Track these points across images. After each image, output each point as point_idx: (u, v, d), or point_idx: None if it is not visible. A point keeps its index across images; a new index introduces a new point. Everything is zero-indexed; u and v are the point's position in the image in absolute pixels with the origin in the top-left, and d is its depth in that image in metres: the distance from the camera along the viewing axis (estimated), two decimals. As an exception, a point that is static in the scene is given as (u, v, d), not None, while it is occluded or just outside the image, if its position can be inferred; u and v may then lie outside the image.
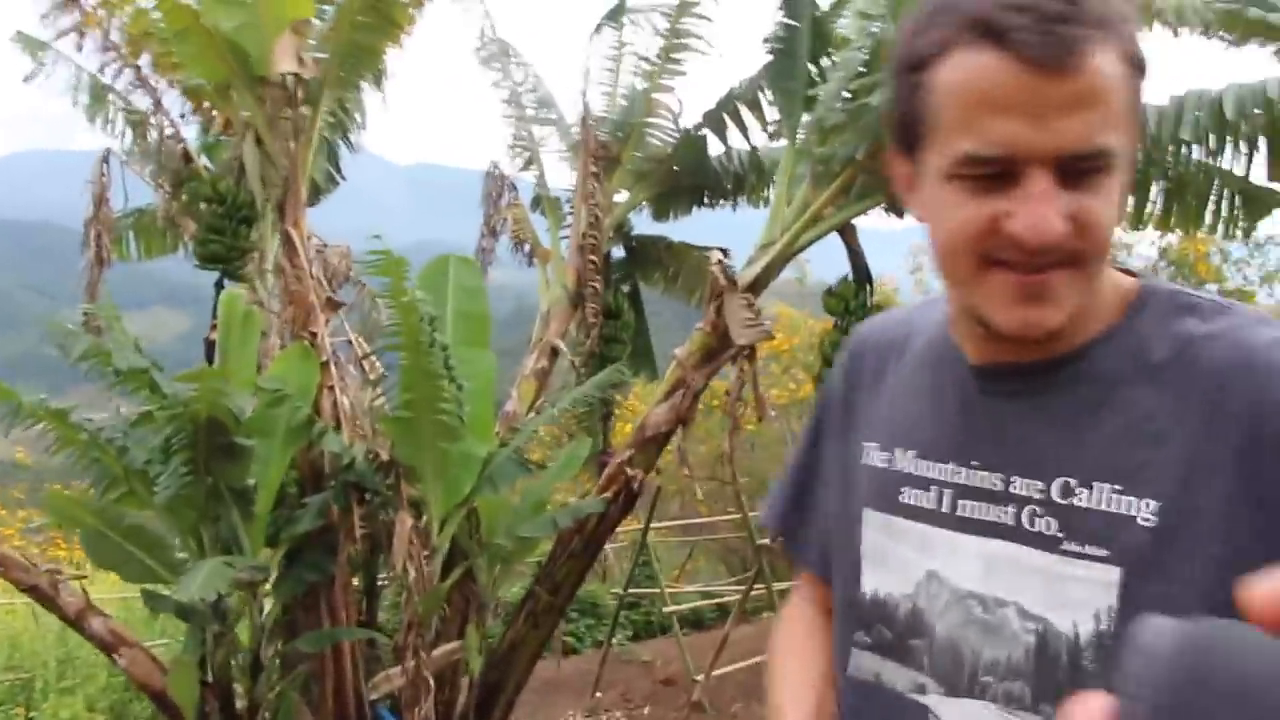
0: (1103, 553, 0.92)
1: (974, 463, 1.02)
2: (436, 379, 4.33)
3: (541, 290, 6.35)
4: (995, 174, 0.89)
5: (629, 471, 5.05)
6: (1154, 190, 5.01)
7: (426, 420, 4.41)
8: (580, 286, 6.00)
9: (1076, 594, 0.93)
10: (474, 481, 4.68)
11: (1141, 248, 9.39)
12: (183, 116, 5.95)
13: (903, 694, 1.07)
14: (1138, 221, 5.20)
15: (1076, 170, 0.88)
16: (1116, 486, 0.92)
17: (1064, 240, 0.88)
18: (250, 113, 4.72)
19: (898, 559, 1.08)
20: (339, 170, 6.03)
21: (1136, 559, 0.91)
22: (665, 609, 7.47)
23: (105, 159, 6.58)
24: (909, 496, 1.08)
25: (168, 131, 6.07)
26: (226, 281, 5.10)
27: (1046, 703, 0.95)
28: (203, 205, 5.41)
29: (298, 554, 4.43)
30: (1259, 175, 4.51)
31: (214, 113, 5.66)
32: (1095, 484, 0.94)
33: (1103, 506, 0.93)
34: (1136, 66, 0.89)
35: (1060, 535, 0.95)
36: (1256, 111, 4.04)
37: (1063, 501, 0.95)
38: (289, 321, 4.63)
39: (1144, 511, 0.91)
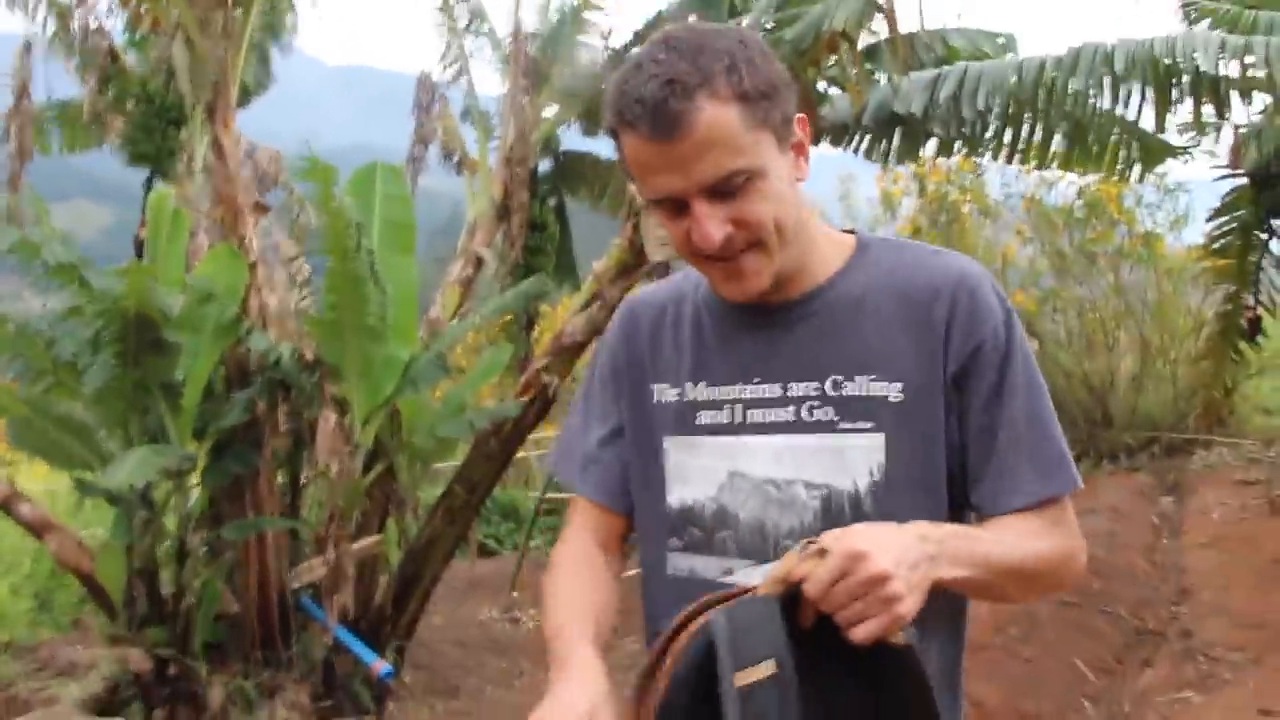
0: (869, 425, 1.25)
1: (756, 379, 1.30)
2: (361, 283, 4.49)
3: (469, 200, 6.48)
4: (673, 205, 1.20)
5: (545, 378, 5.26)
6: (1057, 135, 5.28)
7: (351, 322, 4.57)
8: (507, 198, 6.14)
9: (853, 459, 1.24)
10: (396, 383, 4.86)
11: (1061, 187, 9.69)
12: (109, 12, 5.89)
13: (713, 580, 1.30)
14: (1041, 161, 5.48)
15: (724, 190, 1.17)
16: (873, 375, 1.25)
17: (732, 239, 1.19)
18: (180, 12, 4.74)
19: (700, 470, 1.33)
20: (270, 71, 6.04)
21: (892, 426, 1.24)
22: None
23: (27, 49, 6.50)
24: (705, 418, 1.33)
25: (93, 26, 6.01)
26: (155, 180, 5.14)
27: None
28: (131, 104, 5.41)
29: (224, 447, 4.59)
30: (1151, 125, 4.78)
31: (142, 9, 5.62)
32: (857, 376, 1.26)
33: (865, 392, 1.25)
34: (751, 93, 1.16)
35: (836, 419, 1.26)
36: (1144, 67, 4.29)
37: (834, 393, 1.26)
38: (217, 222, 4.73)
39: (894, 392, 1.24)
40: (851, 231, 1.38)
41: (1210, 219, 6.56)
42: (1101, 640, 5.79)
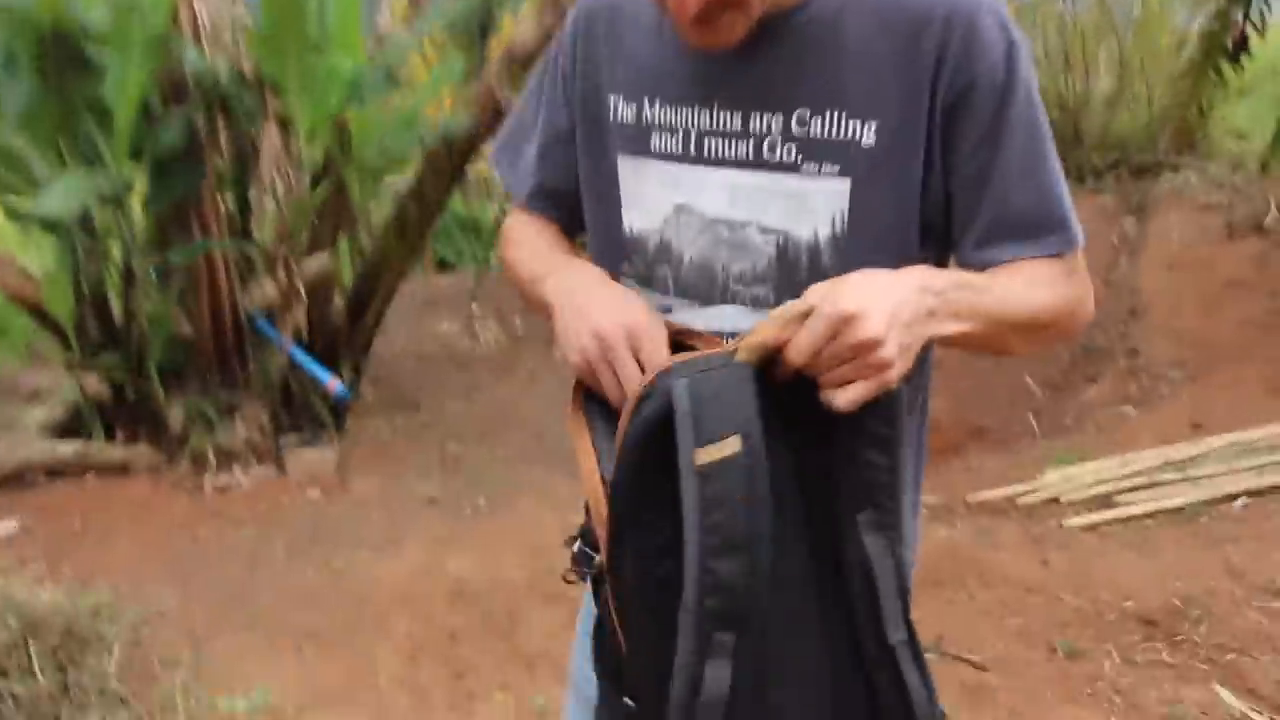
0: (835, 168, 1.12)
1: (715, 104, 1.16)
2: (299, -9, 4.21)
3: (415, -105, 5.96)
4: None
5: (496, 91, 5.04)
6: None
7: (290, 34, 4.32)
8: (456, -108, 5.65)
9: (815, 204, 1.13)
10: (341, 96, 4.65)
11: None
12: None
13: None
14: None
15: None
16: (844, 111, 1.11)
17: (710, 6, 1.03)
18: None
19: (649, 198, 1.23)
20: None
21: (862, 171, 1.11)
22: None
23: None
24: (658, 140, 1.20)
25: None
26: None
27: (788, 297, 1.12)
28: None
29: (164, 168, 4.41)
30: None
31: None
32: (827, 111, 1.11)
33: (834, 132, 1.12)
34: None
35: (798, 160, 1.13)
36: None
37: (799, 130, 1.13)
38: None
39: (867, 134, 1.11)
40: None
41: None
42: (1051, 358, 5.95)
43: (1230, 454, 4.28)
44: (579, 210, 1.34)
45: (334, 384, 4.74)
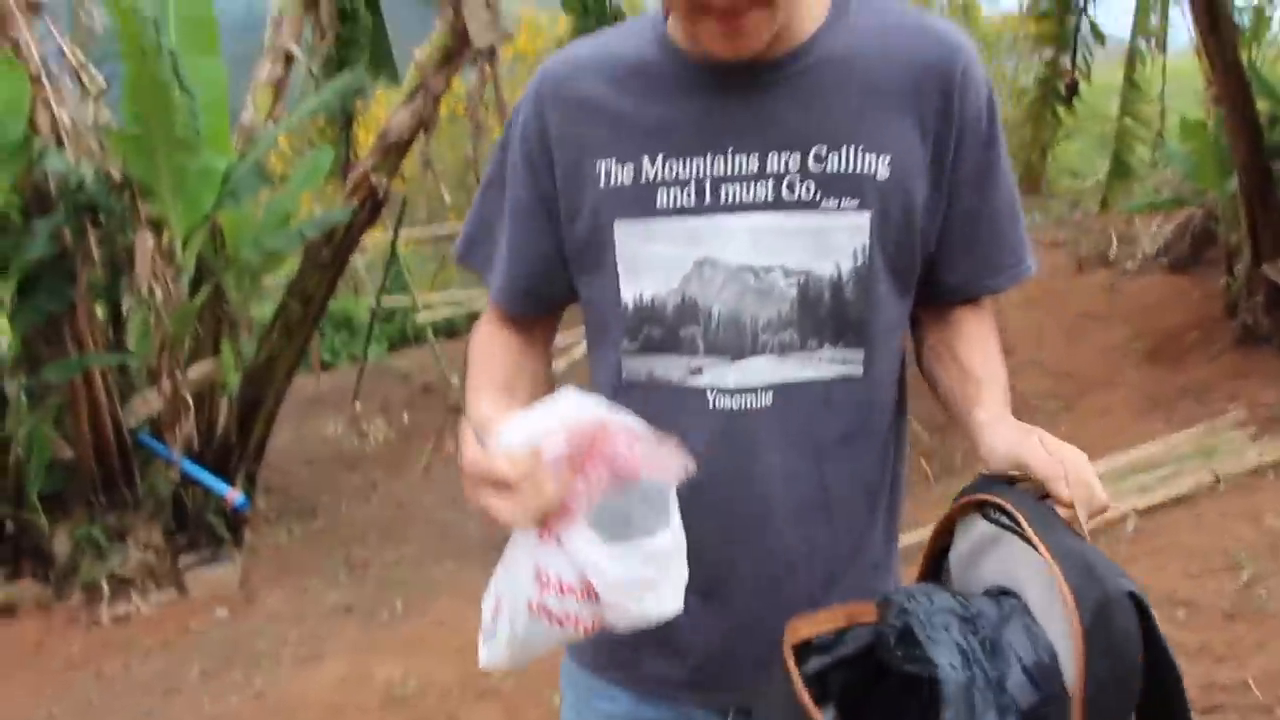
0: (855, 202, 1.13)
1: (730, 149, 1.14)
2: (165, 89, 4.10)
3: (269, -10, 5.90)
4: None
5: (373, 179, 4.99)
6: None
7: (158, 134, 4.20)
8: (312, -14, 5.62)
9: (837, 240, 1.13)
10: (215, 196, 4.53)
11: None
12: None
13: (677, 383, 1.17)
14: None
15: None
16: (860, 146, 1.12)
17: None
18: None
19: (658, 260, 1.16)
20: None
21: (878, 203, 1.13)
22: (419, 318, 7.56)
23: None
24: (665, 197, 1.15)
25: None
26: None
27: (813, 336, 1.16)
28: None
29: (32, 283, 4.18)
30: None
31: None
32: (843, 146, 1.12)
33: (851, 166, 1.12)
34: None
35: (818, 196, 1.13)
36: None
37: (817, 167, 1.13)
38: (-15, 29, 4.15)
39: (882, 166, 1.12)
40: None
41: (1029, -16, 6.66)
42: (931, 401, 6.16)
43: (1112, 477, 4.48)
44: (558, 290, 1.28)
45: (234, 495, 4.54)
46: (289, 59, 5.53)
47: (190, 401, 4.59)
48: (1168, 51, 7.02)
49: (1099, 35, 6.49)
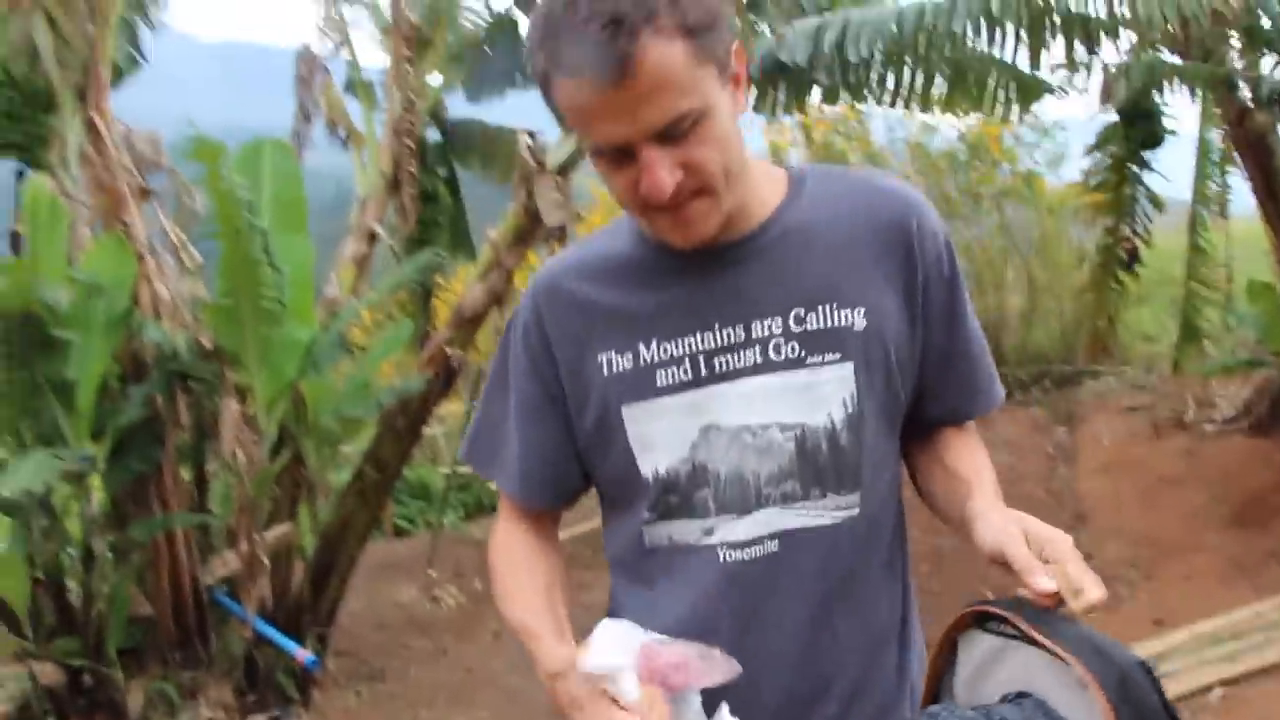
0: (836, 355, 1.23)
1: (716, 323, 1.24)
2: (256, 265, 4.35)
3: (358, 175, 6.34)
4: (616, 154, 1.12)
5: (448, 351, 5.20)
6: (938, 77, 5.39)
7: (247, 306, 4.43)
8: (396, 171, 6.03)
9: (826, 392, 1.23)
10: (297, 365, 4.74)
11: (944, 130, 9.85)
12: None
13: (693, 544, 1.26)
14: (925, 104, 5.59)
15: (672, 134, 1.09)
16: (835, 303, 1.24)
17: (682, 185, 1.12)
18: (38, -9, 4.49)
19: (667, 434, 1.25)
20: (140, 50, 5.77)
21: (859, 353, 1.23)
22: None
23: None
24: (663, 376, 1.25)
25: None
26: (26, 171, 4.88)
27: (815, 486, 1.24)
28: (-8, 91, 5.11)
29: (124, 445, 4.41)
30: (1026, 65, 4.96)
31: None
32: (820, 306, 1.24)
33: (829, 322, 1.24)
34: (695, 26, 1.08)
35: (803, 354, 1.24)
36: (1018, 7, 4.42)
37: (798, 328, 1.23)
38: (99, 212, 4.53)
39: (858, 319, 1.24)
40: (785, 167, 1.36)
41: (1086, 155, 6.80)
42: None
43: (1196, 646, 4.33)
44: (574, 478, 1.36)
45: (303, 655, 4.60)
46: (373, 237, 5.88)
47: (266, 562, 4.72)
48: (1230, 215, 7.06)
49: (1157, 202, 6.56)
